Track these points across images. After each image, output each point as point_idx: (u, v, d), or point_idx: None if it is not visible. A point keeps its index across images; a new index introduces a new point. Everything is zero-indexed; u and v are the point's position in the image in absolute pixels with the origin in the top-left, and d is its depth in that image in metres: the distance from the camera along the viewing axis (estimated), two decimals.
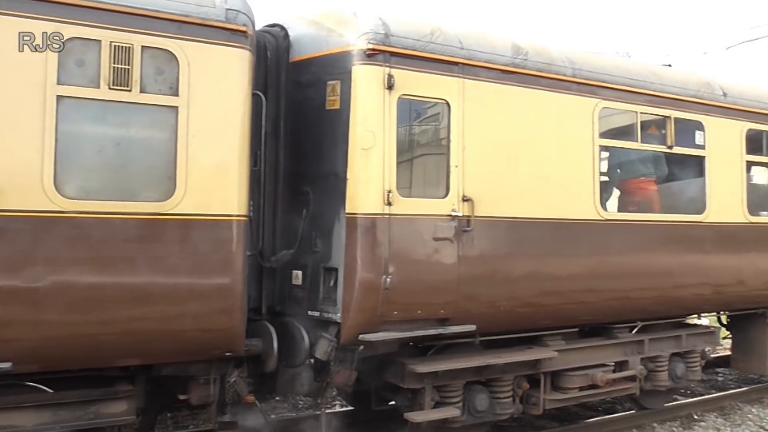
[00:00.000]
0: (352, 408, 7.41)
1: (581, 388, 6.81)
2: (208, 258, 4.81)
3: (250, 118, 5.07)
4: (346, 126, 5.38)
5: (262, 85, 5.62)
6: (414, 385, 5.79)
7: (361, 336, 5.31)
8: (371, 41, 5.37)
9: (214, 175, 4.83)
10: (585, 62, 6.76)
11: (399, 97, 5.48)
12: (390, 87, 5.39)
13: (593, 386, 6.83)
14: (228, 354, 5.05)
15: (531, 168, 6.24)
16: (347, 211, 5.37)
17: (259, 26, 5.62)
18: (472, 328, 5.82)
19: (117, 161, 4.61)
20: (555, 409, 7.02)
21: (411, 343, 5.93)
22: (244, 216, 4.99)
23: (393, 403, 6.48)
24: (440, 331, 5.70)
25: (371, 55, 5.36)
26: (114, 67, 4.43)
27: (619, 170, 7.78)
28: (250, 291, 5.35)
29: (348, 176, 5.36)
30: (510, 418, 6.63)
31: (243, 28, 4.93)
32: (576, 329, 6.98)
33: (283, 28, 6.01)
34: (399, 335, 5.51)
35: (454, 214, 5.70)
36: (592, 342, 7.07)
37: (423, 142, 6.12)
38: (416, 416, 5.73)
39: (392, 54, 5.44)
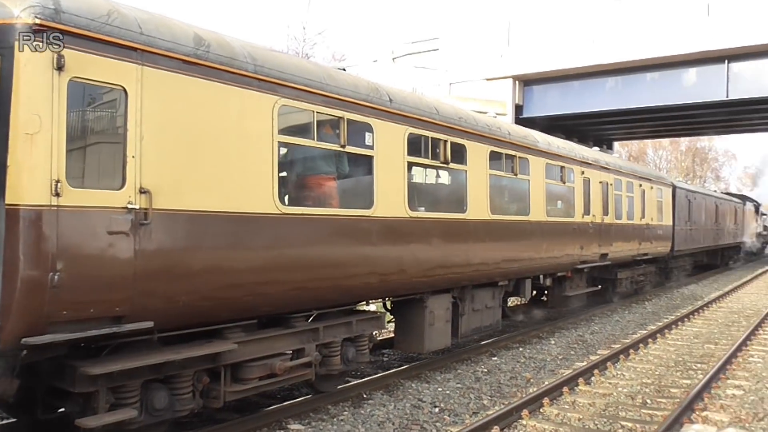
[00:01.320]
0: (14, 420, 6.70)
1: (261, 378, 6.96)
2: None
3: None
4: (7, 107, 4.82)
5: None
6: (86, 389, 5.42)
7: (24, 340, 4.81)
8: (39, 16, 4.88)
9: None
10: (266, 59, 6.89)
11: (70, 80, 5.06)
12: (60, 68, 4.95)
13: (272, 375, 7.03)
14: None
15: (212, 161, 6.20)
16: (7, 202, 4.82)
17: None
18: (149, 324, 5.59)
19: None
20: (235, 401, 7.07)
21: (83, 344, 5.55)
22: None
23: (63, 409, 6.01)
24: (114, 329, 5.37)
25: (38, 31, 4.86)
26: None
27: (299, 166, 8.10)
28: None
29: (9, 163, 4.82)
30: (191, 413, 6.54)
31: None
32: (255, 321, 7.13)
33: None
34: (69, 336, 5.08)
35: (130, 206, 5.43)
36: (271, 332, 7.24)
37: (98, 130, 5.71)
38: (89, 422, 5.35)
39: (63, 32, 4.99)
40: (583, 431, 7.59)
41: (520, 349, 12.28)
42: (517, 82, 26.13)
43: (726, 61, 22.72)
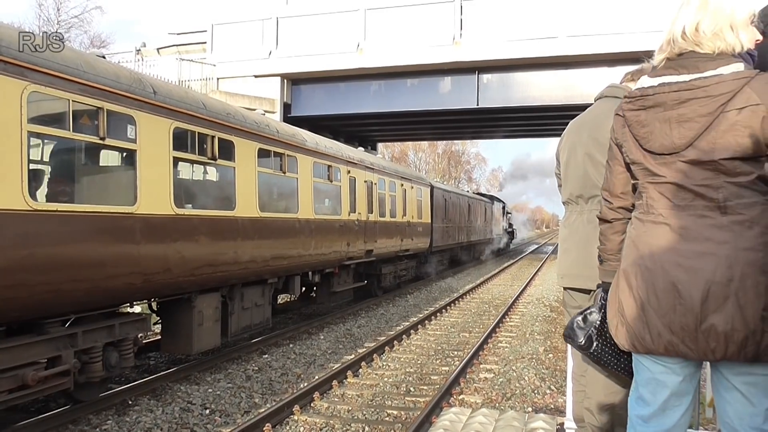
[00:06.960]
0: None
1: (11, 391, 6.34)
2: None
3: None
4: None
5: None
6: None
7: None
8: None
9: None
10: (12, 41, 6.29)
11: None
12: None
13: (24, 387, 6.44)
14: None
15: None
16: None
17: None
18: None
19: None
20: None
21: None
22: None
23: None
24: None
25: None
26: None
27: (54, 159, 7.49)
28: None
29: None
30: None
31: None
32: (4, 327, 6.49)
33: None
34: None
35: None
36: (21, 340, 6.63)
37: None
38: None
39: None
40: (352, 422, 7.84)
41: (291, 345, 12.39)
42: (285, 81, 26.26)
43: (476, 72, 24.59)
